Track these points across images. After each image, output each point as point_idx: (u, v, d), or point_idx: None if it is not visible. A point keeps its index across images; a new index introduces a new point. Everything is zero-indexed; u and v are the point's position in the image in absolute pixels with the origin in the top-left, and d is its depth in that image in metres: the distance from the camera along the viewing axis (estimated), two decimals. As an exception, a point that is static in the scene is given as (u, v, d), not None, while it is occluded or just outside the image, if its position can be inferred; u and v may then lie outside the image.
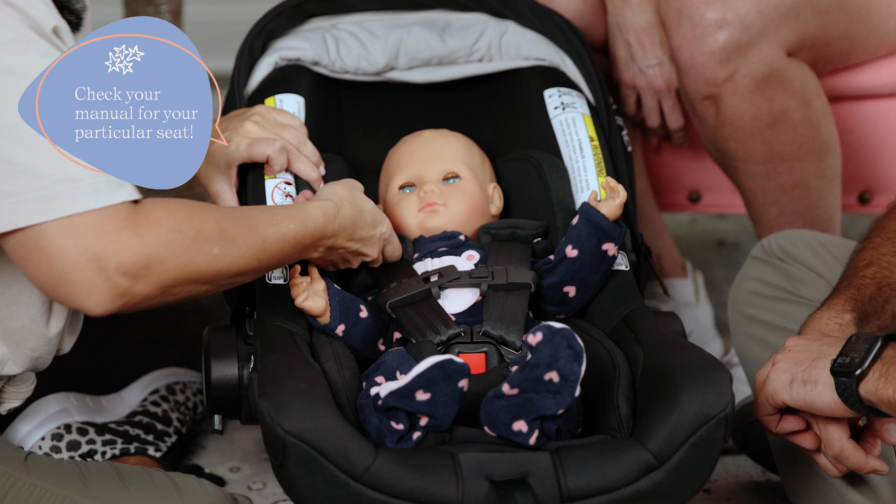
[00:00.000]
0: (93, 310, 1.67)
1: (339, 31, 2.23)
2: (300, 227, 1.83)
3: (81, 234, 1.64)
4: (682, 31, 2.28)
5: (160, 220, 1.68)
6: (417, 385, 1.69)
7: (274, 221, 1.80)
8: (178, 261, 1.68)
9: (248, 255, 1.75)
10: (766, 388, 1.79)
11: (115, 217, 1.65)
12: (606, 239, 1.97)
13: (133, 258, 1.65)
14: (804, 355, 1.77)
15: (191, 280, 1.70)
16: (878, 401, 1.68)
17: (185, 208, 1.71)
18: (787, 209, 2.40)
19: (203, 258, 1.70)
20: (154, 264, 1.66)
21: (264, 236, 1.78)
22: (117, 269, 1.65)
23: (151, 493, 1.83)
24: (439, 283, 1.95)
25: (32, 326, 1.86)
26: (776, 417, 1.81)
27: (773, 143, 2.33)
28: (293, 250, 1.83)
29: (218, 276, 1.73)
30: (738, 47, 2.26)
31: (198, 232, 1.70)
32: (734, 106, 2.30)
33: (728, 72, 2.27)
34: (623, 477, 1.67)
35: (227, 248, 1.73)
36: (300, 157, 2.06)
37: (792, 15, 2.28)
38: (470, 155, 2.14)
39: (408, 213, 2.07)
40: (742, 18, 2.24)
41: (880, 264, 1.90)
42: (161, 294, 1.69)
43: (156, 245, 1.66)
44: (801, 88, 2.32)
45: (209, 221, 1.72)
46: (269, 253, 1.78)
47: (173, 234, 1.68)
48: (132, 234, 1.65)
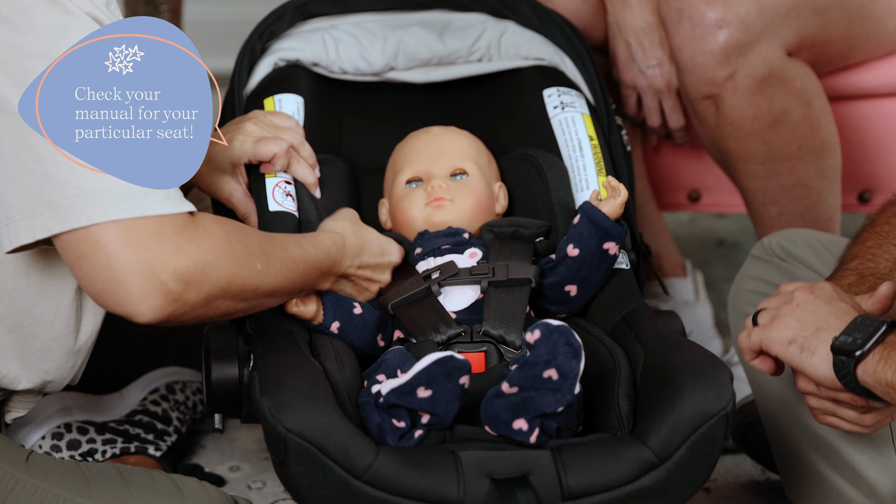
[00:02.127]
0: (143, 315, 1.68)
1: (338, 32, 2.23)
2: (318, 252, 1.87)
3: (142, 236, 1.66)
4: (683, 31, 2.29)
5: (214, 230, 1.71)
6: (419, 382, 1.69)
7: (297, 244, 1.85)
8: (228, 270, 1.71)
9: (280, 274, 1.80)
10: (764, 334, 1.80)
11: (174, 224, 1.68)
12: (608, 238, 1.97)
13: (189, 263, 1.67)
14: (810, 318, 1.77)
15: (234, 293, 1.73)
16: (876, 382, 1.69)
17: (233, 224, 1.76)
18: (788, 209, 2.40)
19: (248, 272, 1.74)
20: (208, 271, 1.69)
21: (293, 256, 1.82)
22: (173, 273, 1.67)
23: (153, 495, 1.83)
24: (439, 280, 1.95)
25: (52, 346, 1.86)
26: (755, 353, 1.83)
27: (774, 143, 2.33)
28: (313, 275, 1.87)
29: (256, 292, 1.77)
30: (739, 47, 2.26)
31: (245, 246, 1.74)
32: (734, 106, 2.30)
33: (728, 72, 2.27)
34: (624, 475, 1.67)
35: (267, 264, 1.77)
36: (299, 160, 2.07)
37: (792, 15, 2.28)
38: (478, 152, 2.15)
39: (414, 206, 2.07)
40: (742, 18, 2.25)
41: (864, 257, 1.91)
42: (206, 305, 1.71)
43: (210, 252, 1.69)
44: (801, 88, 2.32)
45: (252, 238, 1.77)
46: (296, 273, 1.83)
47: (225, 244, 1.71)
48: (189, 241, 1.68)
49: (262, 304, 1.82)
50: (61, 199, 1.66)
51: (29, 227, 1.67)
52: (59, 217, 1.66)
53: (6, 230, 1.69)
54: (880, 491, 1.88)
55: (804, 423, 1.94)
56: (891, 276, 1.89)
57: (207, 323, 1.88)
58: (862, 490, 1.90)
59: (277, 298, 1.84)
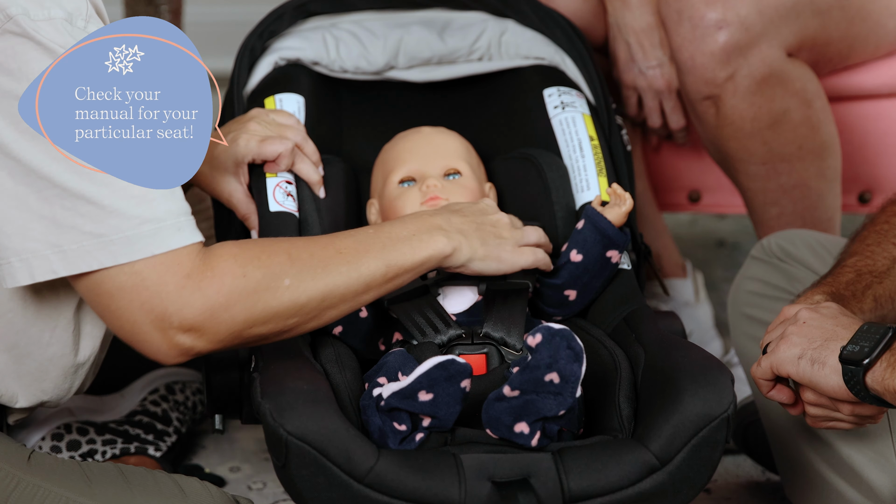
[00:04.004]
0: (166, 361, 1.68)
1: (338, 31, 2.23)
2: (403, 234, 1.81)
3: (148, 286, 1.65)
4: (683, 32, 2.29)
5: (225, 266, 1.68)
6: (420, 385, 1.69)
7: (364, 234, 1.78)
8: (243, 306, 1.68)
9: (326, 277, 1.72)
10: (773, 357, 1.79)
11: (182, 268, 1.66)
12: (611, 246, 1.97)
13: (195, 314, 1.66)
14: (817, 332, 1.77)
15: (265, 319, 1.70)
16: (885, 390, 1.69)
17: (255, 245, 1.72)
18: (787, 209, 2.40)
19: (271, 295, 1.70)
20: (218, 314, 1.67)
21: (340, 248, 1.75)
22: (180, 326, 1.66)
23: (155, 496, 1.83)
24: (436, 279, 1.94)
25: (49, 367, 1.85)
26: (770, 383, 1.82)
27: (774, 144, 2.33)
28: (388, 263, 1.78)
29: (301, 307, 1.71)
30: (739, 48, 2.26)
31: (266, 269, 1.70)
32: (734, 106, 2.30)
33: (728, 72, 2.27)
34: (625, 478, 1.67)
35: (298, 276, 1.71)
36: (303, 158, 2.06)
37: (792, 15, 2.28)
38: (469, 153, 2.14)
39: (409, 206, 2.07)
40: (742, 19, 2.25)
41: (863, 254, 1.91)
42: (235, 339, 1.69)
43: (218, 296, 1.67)
44: (801, 89, 2.32)
45: (277, 253, 1.72)
46: (354, 266, 1.74)
47: (238, 279, 1.68)
48: (195, 289, 1.66)
49: (325, 315, 1.73)
50: (70, 244, 1.65)
51: (28, 268, 1.67)
52: (68, 261, 1.65)
53: (2, 270, 1.69)
54: (880, 491, 1.88)
55: (804, 424, 1.94)
56: (888, 274, 1.89)
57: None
58: (861, 490, 1.90)
59: (346, 303, 1.74)
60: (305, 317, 1.73)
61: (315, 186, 2.07)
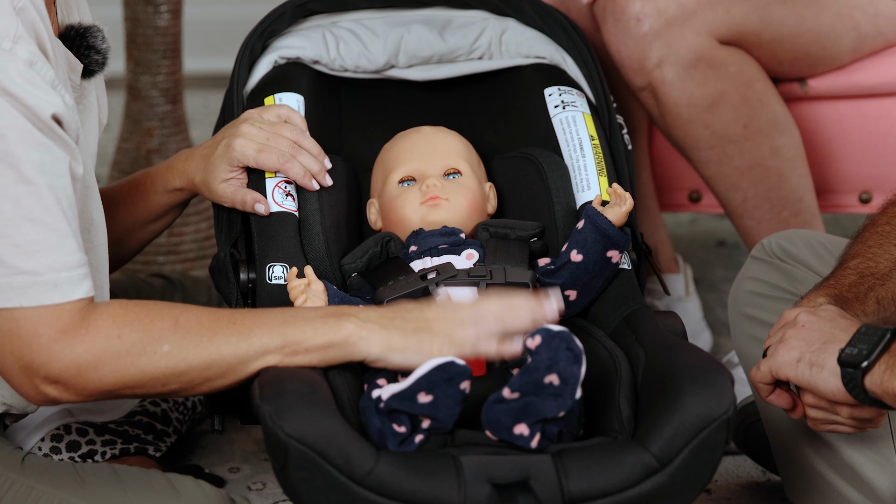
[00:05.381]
0: (38, 404, 1.71)
1: (338, 29, 2.22)
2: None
3: (21, 333, 1.65)
4: (608, 27, 2.36)
5: (102, 325, 1.67)
6: (419, 387, 1.69)
7: (251, 316, 1.75)
8: (114, 367, 1.68)
9: (210, 345, 1.71)
10: (772, 361, 1.79)
11: (55, 323, 1.65)
12: (612, 246, 1.97)
13: (60, 369, 1.66)
14: (816, 335, 1.77)
15: (139, 383, 1.69)
16: (884, 393, 1.69)
17: (141, 306, 1.70)
18: (750, 193, 2.44)
19: (147, 360, 1.68)
20: (85, 373, 1.67)
21: (234, 319, 1.73)
22: (46, 377, 1.66)
23: (148, 495, 1.83)
24: (436, 280, 1.94)
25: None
26: (770, 387, 1.83)
27: (716, 126, 2.38)
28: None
29: (174, 374, 1.70)
30: (660, 36, 2.33)
31: (143, 333, 1.68)
32: (667, 93, 2.36)
33: (654, 61, 2.34)
34: (625, 479, 1.67)
35: (180, 342, 1.69)
36: (302, 153, 2.04)
37: (717, 3, 2.34)
38: (469, 152, 2.14)
39: (409, 206, 2.06)
40: (661, 10, 2.32)
41: (865, 255, 1.91)
42: (105, 396, 1.70)
43: (87, 354, 1.66)
44: (736, 72, 2.37)
45: (161, 319, 1.69)
46: (240, 336, 1.72)
47: (111, 339, 1.67)
48: (65, 345, 1.65)
49: (214, 382, 1.72)
50: None
51: None
52: None
53: None
54: (880, 491, 1.88)
55: (804, 425, 1.94)
56: (891, 276, 1.89)
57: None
58: (862, 491, 1.90)
59: (235, 373, 1.72)
60: (187, 384, 1.72)
61: (319, 175, 2.05)
